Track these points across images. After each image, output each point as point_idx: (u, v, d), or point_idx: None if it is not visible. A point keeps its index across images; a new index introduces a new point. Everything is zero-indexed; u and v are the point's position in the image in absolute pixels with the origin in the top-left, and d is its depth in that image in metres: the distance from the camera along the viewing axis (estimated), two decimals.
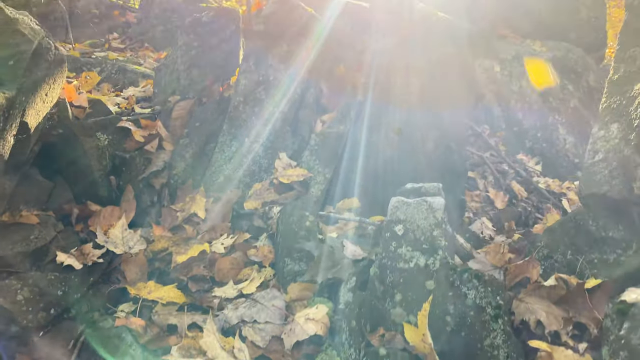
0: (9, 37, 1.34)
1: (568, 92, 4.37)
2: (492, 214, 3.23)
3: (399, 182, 1.98)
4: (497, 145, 3.74)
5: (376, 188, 1.93)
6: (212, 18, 2.24)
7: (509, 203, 3.32)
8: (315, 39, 2.04)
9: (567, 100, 4.34)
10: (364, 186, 1.90)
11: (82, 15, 4.47)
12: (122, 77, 2.58)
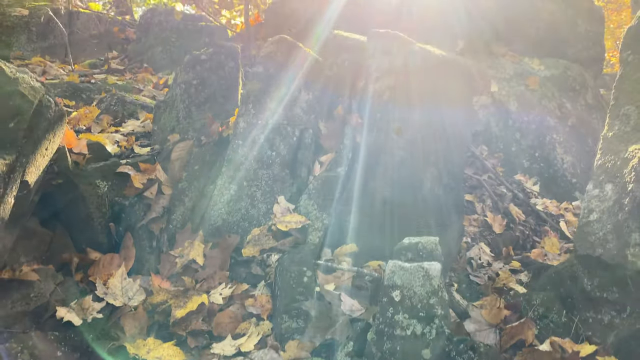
0: (9, 99, 1.36)
1: (566, 111, 4.39)
2: (490, 238, 3.25)
3: (397, 224, 2.00)
4: (494, 167, 3.75)
5: (374, 230, 1.95)
6: (211, 55, 2.25)
7: (507, 227, 3.34)
8: (314, 79, 2.06)
9: (565, 119, 4.36)
10: (361, 229, 1.92)
11: (81, 33, 4.48)
12: (121, 108, 2.59)
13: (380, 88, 2.04)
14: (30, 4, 4.23)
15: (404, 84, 2.01)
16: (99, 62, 4.10)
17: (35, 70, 3.59)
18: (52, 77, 3.52)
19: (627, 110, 1.43)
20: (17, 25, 4.04)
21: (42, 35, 4.15)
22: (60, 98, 2.85)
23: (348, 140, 2.00)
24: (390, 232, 1.98)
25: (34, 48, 4.08)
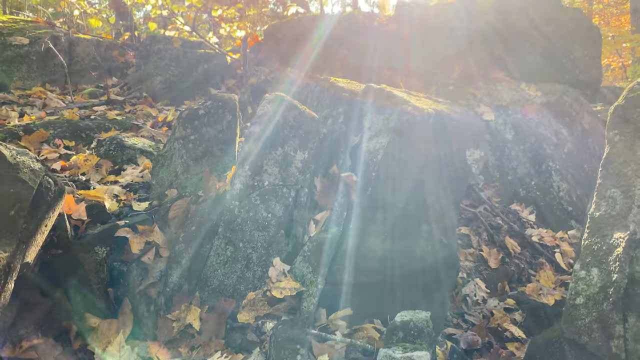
0: (10, 186, 1.39)
1: (562, 137, 4.42)
2: (486, 273, 3.29)
3: (392, 282, 2.04)
4: (491, 199, 3.79)
5: (369, 289, 1.99)
6: (209, 109, 2.28)
7: (503, 261, 3.37)
8: (310, 138, 2.09)
9: (562, 146, 4.39)
10: (357, 288, 1.96)
11: (81, 60, 4.51)
12: (120, 153, 2.62)
13: (374, 147, 2.07)
14: (30, 32, 4.26)
15: (397, 144, 2.04)
16: (98, 91, 4.13)
17: (35, 103, 3.63)
18: (52, 109, 3.56)
19: (613, 194, 1.47)
20: (18, 55, 4.08)
21: (42, 63, 4.19)
22: (60, 140, 2.89)
23: (343, 198, 2.03)
24: (385, 291, 2.02)
25: (35, 77, 4.12)
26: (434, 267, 2.13)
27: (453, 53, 4.62)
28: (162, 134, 3.02)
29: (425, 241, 2.11)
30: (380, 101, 2.15)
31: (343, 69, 5.00)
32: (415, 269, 2.08)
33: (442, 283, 2.17)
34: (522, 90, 4.48)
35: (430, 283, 2.14)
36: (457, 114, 2.32)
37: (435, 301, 2.17)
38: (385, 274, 2.02)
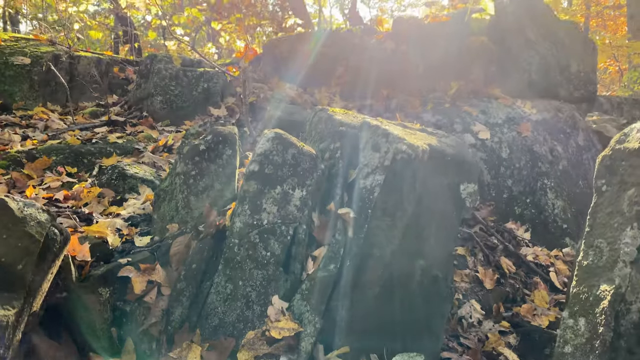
0: (18, 240, 1.44)
1: (557, 154, 4.48)
2: (481, 294, 3.35)
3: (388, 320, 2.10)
4: (486, 218, 3.85)
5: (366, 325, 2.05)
6: (209, 144, 2.34)
7: (498, 281, 3.43)
8: (308, 176, 2.14)
9: (556, 163, 4.46)
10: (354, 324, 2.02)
11: (82, 77, 4.56)
12: (122, 182, 2.68)
13: (370, 184, 2.13)
14: (32, 51, 4.31)
15: (392, 181, 2.10)
16: (99, 110, 4.18)
17: (37, 125, 3.68)
18: (54, 131, 3.61)
19: (600, 244, 1.52)
20: (20, 75, 4.13)
21: (44, 82, 4.24)
22: (63, 167, 2.94)
23: (340, 235, 2.09)
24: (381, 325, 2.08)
25: (36, 96, 4.17)
26: (429, 300, 2.19)
27: (449, 70, 4.67)
28: (163, 160, 3.07)
29: (421, 276, 2.17)
30: (376, 138, 2.20)
31: (341, 84, 5.05)
32: (411, 303, 2.14)
33: (436, 316, 2.23)
34: (517, 108, 4.54)
35: (425, 316, 2.19)
36: (451, 148, 2.38)
37: (431, 332, 2.23)
38: (382, 309, 2.08)
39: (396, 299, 2.09)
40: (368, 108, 4.55)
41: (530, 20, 4.82)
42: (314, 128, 2.70)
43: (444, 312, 2.29)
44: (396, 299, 2.09)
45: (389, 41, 4.83)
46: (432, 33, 4.67)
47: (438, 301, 2.22)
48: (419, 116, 4.30)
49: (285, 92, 4.67)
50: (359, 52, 4.92)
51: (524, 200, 4.15)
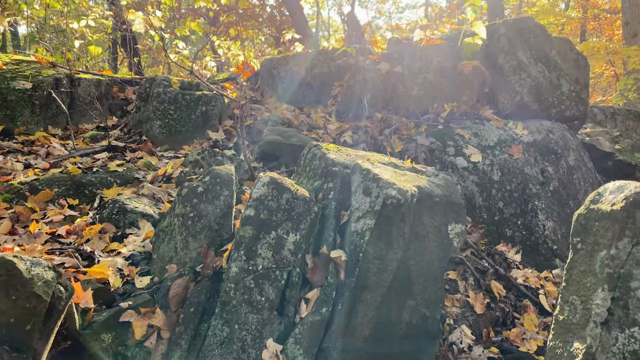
0: (26, 301, 1.54)
1: (548, 175, 4.58)
2: (472, 319, 3.45)
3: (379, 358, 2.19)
4: (477, 242, 3.94)
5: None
6: (207, 185, 2.43)
7: (488, 306, 3.54)
8: (302, 219, 2.24)
9: (547, 184, 4.56)
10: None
11: (82, 99, 4.64)
12: (122, 217, 2.77)
13: (361, 228, 2.22)
14: (33, 75, 4.39)
15: (382, 226, 2.19)
16: (99, 134, 4.27)
17: (39, 152, 3.77)
18: (56, 158, 3.69)
19: (574, 301, 1.62)
20: (21, 99, 4.21)
21: (45, 106, 4.32)
22: (65, 199, 3.03)
23: (333, 278, 2.18)
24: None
25: (38, 120, 4.25)
26: (418, 338, 2.29)
27: (443, 92, 4.77)
28: (162, 191, 3.16)
29: (410, 315, 2.27)
30: (367, 182, 2.29)
31: (337, 104, 5.15)
32: (401, 343, 2.23)
33: (425, 353, 2.33)
34: (509, 129, 4.64)
35: (415, 353, 2.29)
36: (439, 189, 2.47)
37: None
38: (373, 350, 2.17)
39: (386, 339, 2.19)
40: (363, 129, 4.64)
41: (522, 42, 4.91)
42: (308, 164, 2.79)
43: (432, 350, 2.38)
44: (386, 340, 2.19)
45: (383, 63, 4.92)
46: (425, 55, 4.76)
47: (427, 339, 2.32)
48: (413, 139, 4.39)
49: (281, 114, 4.76)
50: (354, 72, 5.01)
51: (515, 222, 4.24)
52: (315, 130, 4.66)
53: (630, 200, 1.58)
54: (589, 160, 5.30)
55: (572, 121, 5.28)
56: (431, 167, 2.97)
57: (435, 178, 2.60)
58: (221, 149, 4.12)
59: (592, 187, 5.08)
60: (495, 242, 4.16)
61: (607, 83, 18.73)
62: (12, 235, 2.69)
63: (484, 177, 4.25)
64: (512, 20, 5.01)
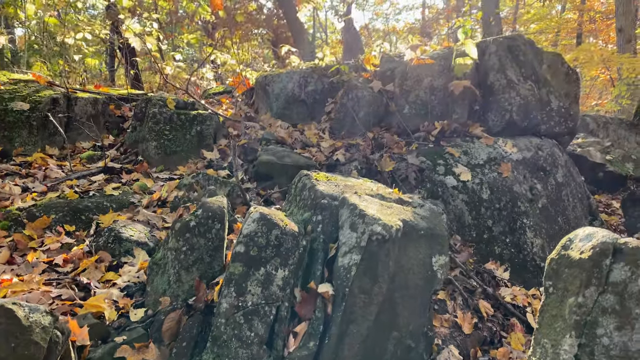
0: (24, 349, 1.62)
1: (537, 193, 4.67)
2: (460, 339, 3.55)
3: None
4: (466, 262, 4.03)
5: None
6: (200, 219, 2.51)
7: (476, 326, 3.63)
8: (291, 255, 2.32)
9: (536, 201, 4.65)
10: None
11: (80, 118, 4.72)
12: (118, 246, 2.85)
13: (347, 263, 2.31)
14: (31, 96, 4.47)
15: (368, 261, 2.28)
16: (95, 154, 4.35)
17: (37, 174, 3.85)
18: (53, 181, 3.77)
19: (545, 344, 1.71)
20: (19, 120, 4.29)
21: (42, 127, 4.40)
22: (62, 226, 3.11)
23: (320, 312, 2.27)
24: None
25: (35, 140, 4.33)
26: None
27: (434, 110, 4.85)
28: (157, 216, 3.24)
29: (395, 347, 2.36)
30: (353, 218, 2.38)
31: (330, 120, 5.23)
32: None
33: None
34: (498, 147, 4.73)
35: None
36: (424, 221, 2.56)
37: None
38: None
39: None
40: (355, 147, 4.73)
41: (511, 60, 5.00)
42: (299, 193, 2.88)
43: None
44: None
45: (375, 81, 5.01)
46: (417, 74, 4.84)
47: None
48: (404, 158, 4.48)
49: (275, 132, 4.84)
50: (347, 90, 5.10)
51: (504, 239, 4.34)
52: (308, 148, 4.74)
53: (597, 250, 1.67)
54: (578, 175, 5.39)
55: (561, 136, 5.37)
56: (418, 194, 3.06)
57: (420, 209, 2.69)
58: (215, 169, 4.20)
59: (581, 202, 5.19)
60: (484, 260, 4.24)
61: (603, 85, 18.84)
62: (11, 265, 2.77)
63: (473, 195, 4.34)
64: (503, 39, 5.10)
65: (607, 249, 1.66)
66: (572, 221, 4.85)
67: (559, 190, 4.85)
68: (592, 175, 7.11)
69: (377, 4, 29.11)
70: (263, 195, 4.00)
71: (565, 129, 5.29)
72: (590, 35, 21.46)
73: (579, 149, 7.45)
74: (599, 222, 5.43)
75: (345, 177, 3.17)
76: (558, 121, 5.20)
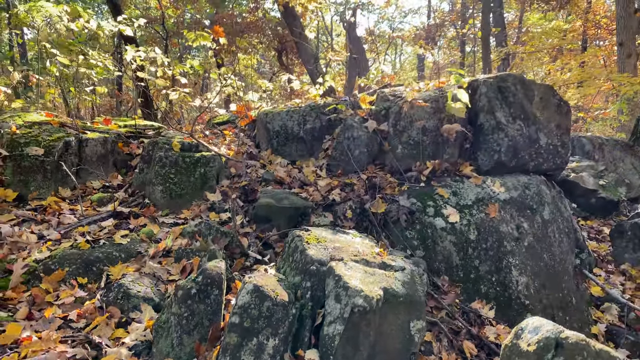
0: None
1: (523, 231, 4.91)
2: None
3: None
4: (452, 303, 4.28)
5: None
6: (200, 286, 2.78)
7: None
8: (281, 325, 2.59)
9: (522, 240, 4.89)
10: None
11: (89, 158, 5.01)
12: (126, 302, 3.13)
13: (332, 332, 2.57)
14: (45, 140, 4.76)
15: (351, 331, 2.54)
16: (105, 196, 4.63)
17: (51, 221, 4.14)
18: (66, 227, 4.06)
19: None
20: (34, 165, 4.58)
21: (55, 170, 4.69)
22: (75, 279, 3.40)
23: None
24: None
25: (49, 184, 4.62)
26: None
27: (425, 150, 5.09)
28: (162, 269, 3.52)
29: None
30: (338, 290, 2.64)
31: (327, 157, 5.49)
32: None
33: None
34: (487, 187, 4.96)
35: None
36: (405, 287, 2.81)
37: None
38: None
39: None
40: (350, 187, 4.98)
41: (501, 101, 5.21)
42: (292, 254, 3.15)
43: None
44: None
45: (370, 121, 5.25)
46: (410, 115, 5.08)
47: None
48: (395, 200, 4.72)
49: (275, 171, 5.11)
50: (343, 129, 5.35)
51: (490, 278, 4.58)
52: (306, 187, 5.00)
53: (541, 345, 1.92)
54: (566, 209, 5.60)
55: (550, 171, 5.59)
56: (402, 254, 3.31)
57: (402, 273, 2.95)
58: (217, 212, 4.47)
59: (567, 236, 5.40)
60: (470, 299, 4.49)
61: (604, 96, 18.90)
62: (30, 321, 3.06)
63: (461, 236, 4.58)
64: (493, 80, 5.31)
65: (549, 344, 1.91)
66: (557, 256, 5.07)
67: (545, 227, 5.07)
68: (585, 201, 7.32)
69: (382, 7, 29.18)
70: (262, 239, 4.27)
71: (553, 165, 5.51)
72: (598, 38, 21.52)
73: (573, 174, 7.65)
74: (586, 254, 5.65)
75: (334, 234, 3.43)
76: (546, 158, 5.42)
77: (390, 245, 4.43)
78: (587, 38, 20.94)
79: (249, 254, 3.77)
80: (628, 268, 5.64)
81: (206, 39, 6.96)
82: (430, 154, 5.13)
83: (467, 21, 24.80)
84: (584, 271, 5.33)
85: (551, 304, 4.74)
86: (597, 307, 5.18)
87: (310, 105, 5.63)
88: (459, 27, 23.13)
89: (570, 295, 4.94)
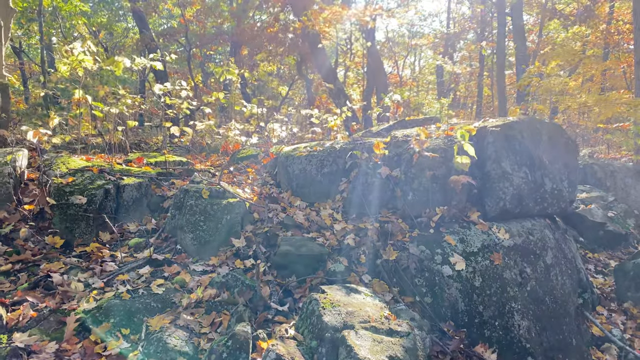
0: None
1: (526, 276, 5.25)
2: None
3: None
4: (455, 350, 4.65)
5: None
6: (230, 350, 3.22)
7: None
8: None
9: (525, 285, 5.23)
10: None
11: (126, 202, 5.50)
12: (164, 355, 3.59)
13: None
14: (87, 188, 5.26)
15: None
16: (141, 242, 5.12)
17: (95, 269, 4.63)
18: (109, 275, 4.56)
19: None
20: (78, 213, 5.08)
21: (96, 218, 5.19)
22: (119, 331, 3.87)
23: None
24: None
25: (91, 230, 5.13)
26: None
27: (435, 197, 5.45)
28: (195, 321, 3.97)
29: None
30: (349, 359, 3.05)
31: (343, 199, 5.88)
32: None
33: None
34: (492, 234, 5.30)
35: None
36: (408, 354, 3.21)
37: None
38: None
39: None
40: (364, 232, 5.38)
41: (507, 150, 5.53)
42: (309, 316, 3.57)
43: None
44: None
45: (384, 167, 5.63)
46: (420, 163, 5.44)
47: None
48: (405, 247, 5.10)
49: (294, 215, 5.53)
50: (358, 174, 5.74)
51: (493, 323, 4.93)
52: (323, 231, 5.42)
53: None
54: (569, 251, 5.91)
55: (555, 214, 5.90)
56: (408, 321, 3.70)
57: (406, 339, 3.34)
58: (242, 259, 4.92)
59: (570, 277, 5.72)
60: (474, 343, 4.85)
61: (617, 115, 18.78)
62: None
63: (466, 283, 4.94)
64: (500, 128, 5.62)
65: None
66: (559, 299, 5.39)
67: (548, 271, 5.40)
68: (593, 234, 7.56)
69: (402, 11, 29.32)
70: (282, 285, 4.70)
71: (557, 209, 5.82)
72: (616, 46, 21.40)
73: (582, 205, 7.89)
74: (589, 293, 5.95)
75: (348, 295, 3.84)
76: (551, 202, 5.73)
77: (399, 292, 4.82)
78: (609, 45, 20.86)
79: (271, 306, 4.21)
80: (630, 307, 5.92)
81: (232, 74, 7.41)
82: (439, 200, 5.49)
83: (488, 25, 24.81)
84: (585, 313, 5.64)
85: (552, 346, 5.08)
86: (598, 346, 5.49)
87: (328, 151, 6.03)
88: (478, 33, 23.22)
89: (571, 337, 5.26)
